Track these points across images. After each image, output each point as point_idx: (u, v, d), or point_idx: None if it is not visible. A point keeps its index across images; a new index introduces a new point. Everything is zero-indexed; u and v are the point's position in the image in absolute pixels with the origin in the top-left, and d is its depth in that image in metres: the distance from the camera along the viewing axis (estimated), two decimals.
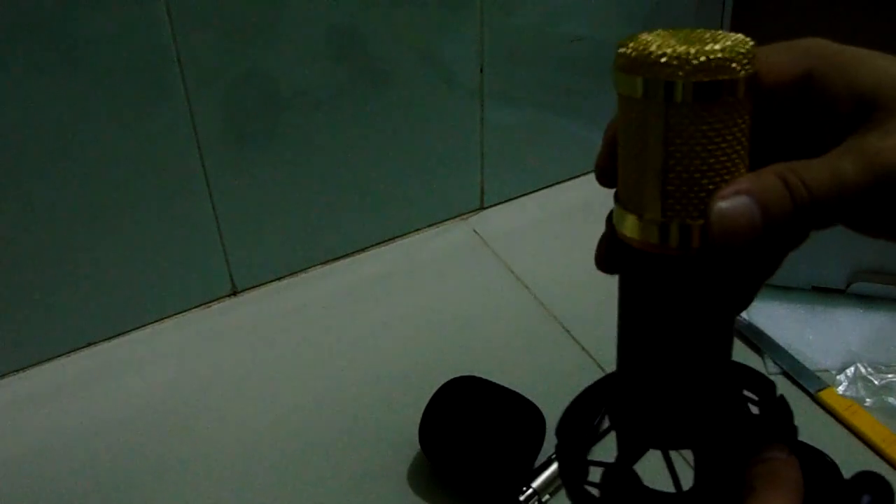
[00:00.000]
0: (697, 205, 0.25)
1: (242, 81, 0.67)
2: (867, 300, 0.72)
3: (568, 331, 0.71)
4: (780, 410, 0.31)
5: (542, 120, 0.86)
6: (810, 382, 0.64)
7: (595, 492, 0.31)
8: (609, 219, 0.29)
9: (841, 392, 0.64)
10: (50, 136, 0.60)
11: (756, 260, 0.29)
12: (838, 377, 0.65)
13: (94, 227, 0.66)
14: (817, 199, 0.25)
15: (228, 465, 0.60)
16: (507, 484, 0.55)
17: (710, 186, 0.25)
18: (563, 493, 0.56)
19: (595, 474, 0.31)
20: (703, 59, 0.23)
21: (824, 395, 0.63)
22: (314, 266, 0.79)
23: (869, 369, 0.65)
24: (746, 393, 0.31)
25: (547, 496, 0.56)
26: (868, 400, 0.63)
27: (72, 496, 0.58)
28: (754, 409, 0.31)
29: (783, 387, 0.65)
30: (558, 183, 0.90)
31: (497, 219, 0.86)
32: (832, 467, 0.29)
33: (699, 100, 0.24)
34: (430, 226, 0.84)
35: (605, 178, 0.29)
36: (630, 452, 0.30)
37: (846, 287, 0.72)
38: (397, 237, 0.83)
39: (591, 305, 0.73)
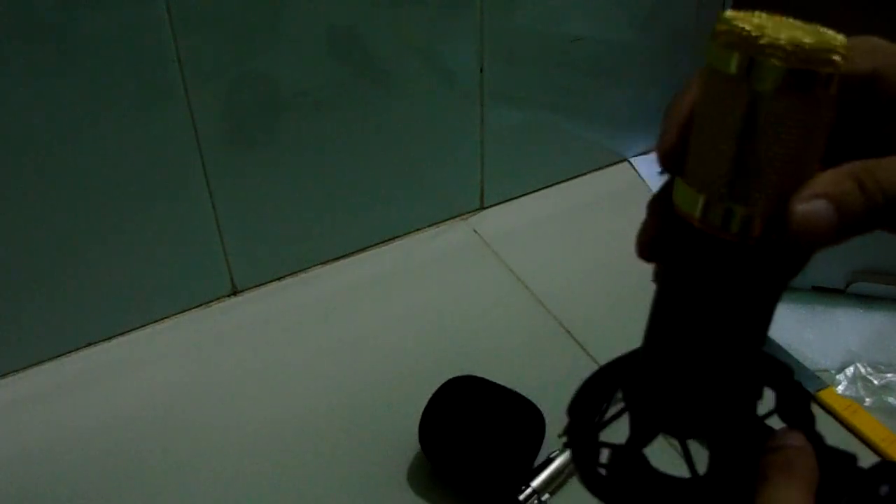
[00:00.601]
0: (769, 196, 0.25)
1: (242, 81, 0.67)
2: (867, 300, 0.72)
3: (568, 331, 0.71)
4: (796, 397, 0.30)
5: (542, 120, 0.86)
6: (810, 382, 0.64)
7: (604, 473, 0.30)
8: (653, 205, 0.29)
9: (840, 392, 0.64)
10: (49, 136, 0.60)
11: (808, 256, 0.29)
12: (838, 377, 0.65)
13: (94, 227, 0.66)
14: (892, 199, 0.25)
15: (228, 464, 0.60)
16: (506, 483, 0.55)
17: (786, 180, 0.25)
18: (562, 492, 0.57)
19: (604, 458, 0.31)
20: (807, 46, 0.23)
21: (824, 395, 0.63)
22: (314, 266, 0.79)
23: (868, 369, 0.65)
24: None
25: (546, 495, 0.56)
26: (867, 400, 0.63)
27: (72, 496, 0.58)
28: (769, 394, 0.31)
29: None
30: (558, 183, 0.90)
31: (497, 219, 0.86)
32: (849, 457, 0.29)
33: (793, 88, 0.23)
34: (430, 226, 0.84)
35: (670, 162, 0.28)
36: (642, 436, 0.30)
37: (846, 287, 0.72)
38: (397, 237, 0.83)
39: (591, 305, 0.73)
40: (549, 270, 0.78)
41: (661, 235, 0.29)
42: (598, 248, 0.81)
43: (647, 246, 0.29)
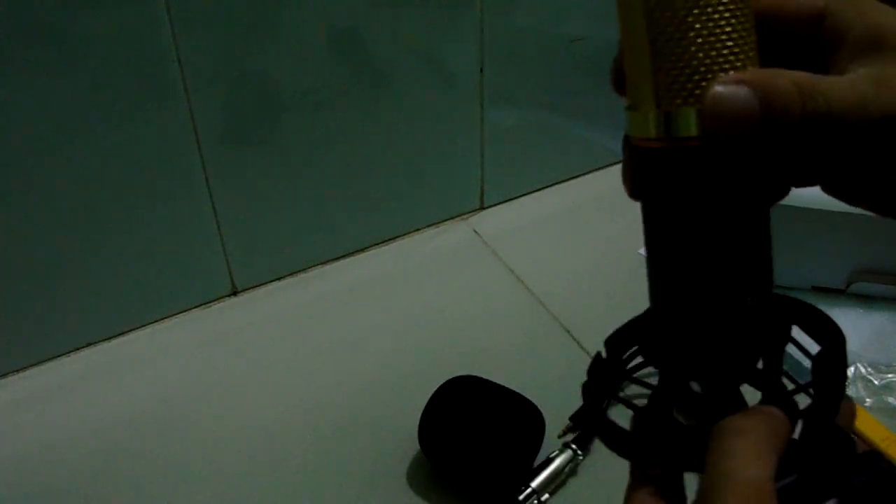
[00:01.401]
0: (692, 90, 0.24)
1: (242, 81, 0.67)
2: (867, 300, 0.72)
3: (568, 331, 0.71)
4: (833, 360, 0.28)
5: (542, 120, 0.86)
6: None
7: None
8: (625, 140, 0.28)
9: None
10: (50, 136, 0.60)
11: (763, 156, 0.27)
12: None
13: (94, 227, 0.66)
14: (834, 113, 0.24)
15: (228, 464, 0.60)
16: (506, 483, 0.55)
17: (709, 75, 0.24)
18: (562, 492, 0.57)
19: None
20: None
21: None
22: (314, 266, 0.79)
23: (869, 369, 0.65)
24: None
25: (546, 495, 0.56)
26: (868, 400, 0.63)
27: (72, 496, 0.58)
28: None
29: None
30: (558, 183, 0.90)
31: (497, 219, 0.86)
32: (848, 441, 0.28)
33: None
34: (430, 226, 0.84)
35: (617, 83, 0.29)
36: (667, 388, 0.29)
37: (846, 287, 0.72)
38: (397, 237, 0.83)
39: (591, 305, 0.73)
40: (549, 270, 0.78)
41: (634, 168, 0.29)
42: (598, 248, 0.81)
43: (631, 184, 0.29)
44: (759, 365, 0.29)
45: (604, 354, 0.33)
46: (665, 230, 0.27)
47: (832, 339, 0.29)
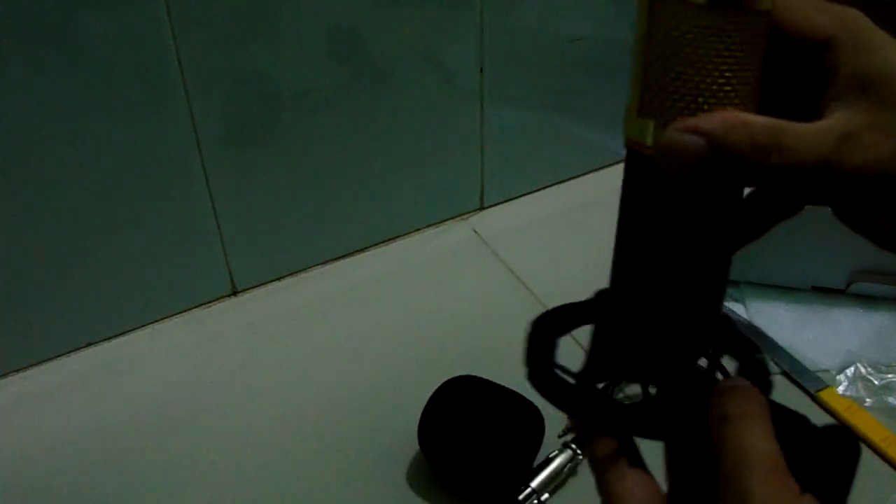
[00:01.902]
0: (670, 109, 0.25)
1: (242, 82, 0.67)
2: (867, 300, 0.72)
3: None
4: (756, 368, 0.30)
5: (542, 120, 0.86)
6: (810, 382, 0.64)
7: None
8: None
9: (841, 392, 0.64)
10: (50, 137, 0.60)
11: (719, 190, 0.28)
12: (838, 377, 0.65)
13: (94, 227, 0.66)
14: (790, 169, 0.25)
15: (228, 464, 0.60)
16: (505, 483, 0.55)
17: (688, 98, 0.25)
18: (562, 492, 0.57)
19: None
20: None
21: (824, 396, 0.63)
22: (314, 266, 0.79)
23: (869, 369, 0.65)
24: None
25: (546, 495, 0.56)
26: (868, 400, 0.63)
27: (72, 496, 0.58)
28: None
29: (783, 387, 0.65)
30: (558, 183, 0.90)
31: (497, 219, 0.86)
32: (801, 418, 0.29)
33: (719, 5, 0.24)
34: (430, 226, 0.84)
35: None
36: (598, 371, 0.32)
37: (846, 287, 0.72)
38: (397, 237, 0.83)
39: None
40: (549, 270, 0.78)
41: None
42: (598, 248, 0.80)
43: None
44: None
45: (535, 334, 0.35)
46: (623, 219, 0.29)
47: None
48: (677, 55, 0.25)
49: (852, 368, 0.65)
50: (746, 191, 0.30)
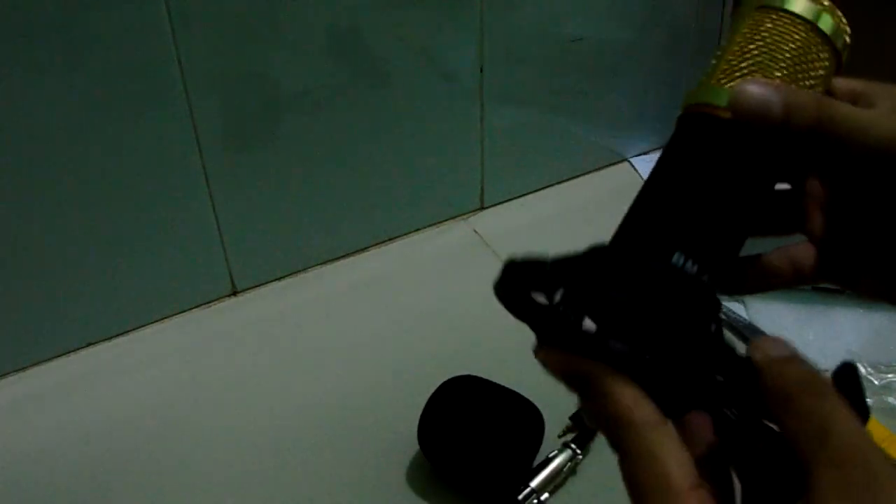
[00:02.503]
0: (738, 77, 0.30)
1: (242, 82, 0.67)
2: (867, 300, 0.72)
3: None
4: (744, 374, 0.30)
5: (542, 120, 0.86)
6: None
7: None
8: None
9: None
10: (50, 137, 0.60)
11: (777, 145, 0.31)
12: None
13: (94, 227, 0.66)
14: (842, 127, 0.28)
15: (228, 464, 0.60)
16: (505, 482, 0.55)
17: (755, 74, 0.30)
18: (562, 491, 0.57)
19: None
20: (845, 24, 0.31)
21: None
22: (314, 266, 0.79)
23: (869, 369, 0.65)
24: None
25: (546, 495, 0.56)
26: (868, 400, 0.63)
27: (72, 496, 0.58)
28: None
29: None
30: (558, 183, 0.90)
31: (497, 219, 0.86)
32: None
33: (824, 38, 0.31)
34: (430, 226, 0.84)
35: None
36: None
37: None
38: (397, 237, 0.83)
39: None
40: None
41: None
42: None
43: None
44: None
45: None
46: (662, 175, 0.31)
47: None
48: (776, 56, 0.30)
49: None
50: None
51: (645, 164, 0.91)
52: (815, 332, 0.69)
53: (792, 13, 0.31)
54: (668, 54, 0.88)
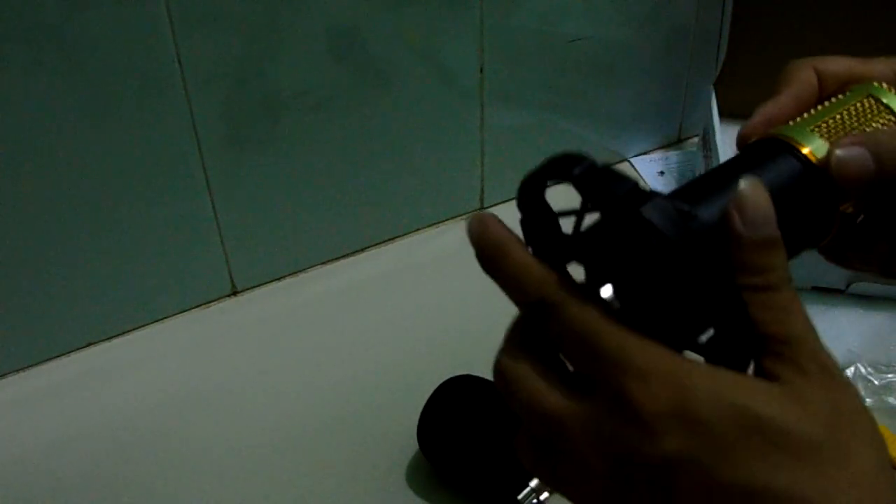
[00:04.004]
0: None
1: (242, 82, 0.67)
2: (867, 300, 0.72)
3: None
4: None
5: (542, 120, 0.86)
6: None
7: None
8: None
9: None
10: (49, 136, 0.60)
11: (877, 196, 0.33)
12: None
13: (94, 227, 0.66)
14: None
15: (227, 464, 0.60)
16: (505, 482, 0.55)
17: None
18: None
19: None
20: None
21: None
22: (314, 266, 0.79)
23: (869, 369, 0.65)
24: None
25: (545, 494, 0.56)
26: (868, 400, 0.63)
27: (72, 496, 0.58)
28: None
29: None
30: (558, 183, 0.90)
31: None
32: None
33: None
34: (430, 226, 0.84)
35: (742, 143, 0.35)
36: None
37: (846, 287, 0.72)
38: (397, 237, 0.83)
39: None
40: None
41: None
42: None
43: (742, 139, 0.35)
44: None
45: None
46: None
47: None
48: (861, 125, 0.33)
49: (852, 368, 0.65)
50: None
51: (645, 164, 0.91)
52: None
53: (890, 109, 0.34)
54: (668, 54, 0.88)
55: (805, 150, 0.32)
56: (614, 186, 0.29)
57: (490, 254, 0.32)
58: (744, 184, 0.29)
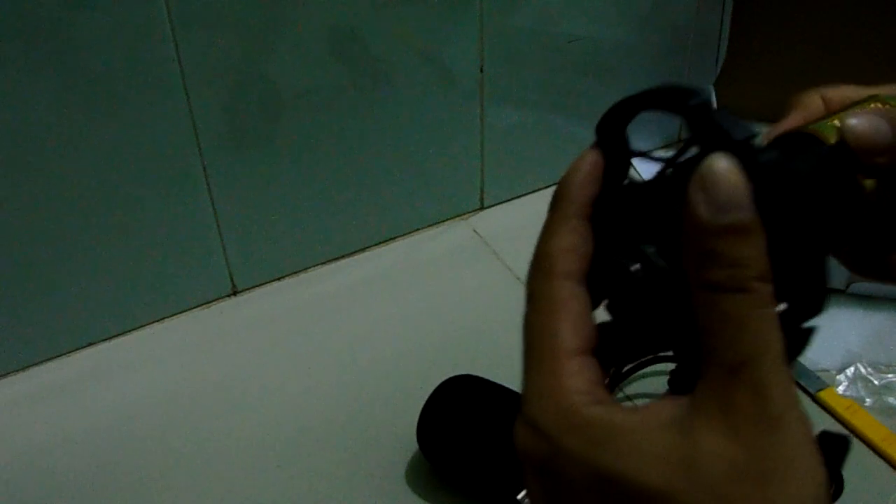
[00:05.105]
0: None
1: (243, 81, 0.67)
2: (867, 300, 0.72)
3: None
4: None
5: (542, 120, 0.86)
6: (810, 382, 0.64)
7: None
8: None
9: (841, 392, 0.64)
10: (49, 136, 0.60)
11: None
12: (838, 377, 0.65)
13: (95, 227, 0.66)
14: None
15: (227, 464, 0.60)
16: (504, 482, 0.55)
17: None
18: None
19: None
20: None
21: (824, 395, 0.63)
22: (314, 266, 0.79)
23: (869, 369, 0.65)
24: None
25: None
26: (868, 400, 0.63)
27: (72, 496, 0.58)
28: None
29: None
30: (558, 183, 0.90)
31: (497, 219, 0.86)
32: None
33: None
34: (430, 226, 0.84)
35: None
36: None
37: (846, 287, 0.72)
38: (397, 237, 0.83)
39: None
40: None
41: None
42: None
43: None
44: None
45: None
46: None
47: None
48: None
49: (852, 368, 0.65)
50: None
51: (645, 164, 0.91)
52: None
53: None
54: (668, 54, 0.88)
55: (820, 136, 0.30)
56: (733, 129, 0.26)
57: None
58: (711, 159, 0.24)
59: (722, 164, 0.24)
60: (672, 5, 0.86)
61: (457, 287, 0.77)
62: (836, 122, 0.30)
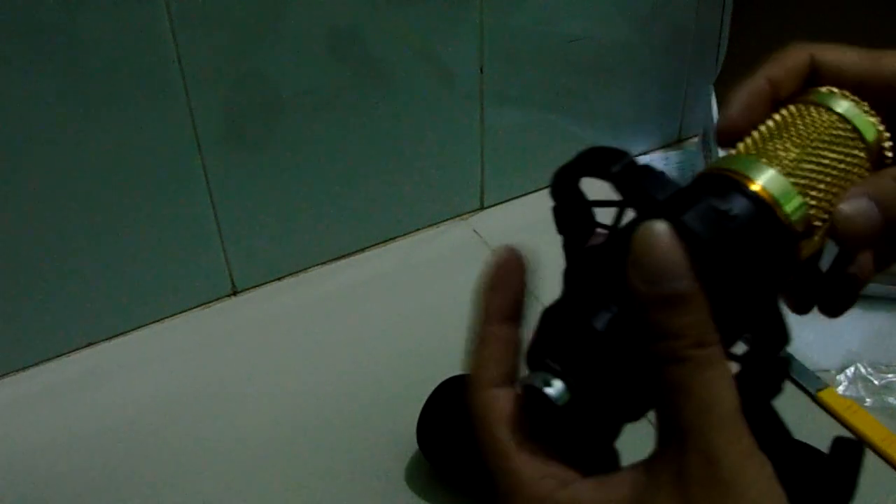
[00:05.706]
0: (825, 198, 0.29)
1: (243, 81, 0.67)
2: (867, 300, 0.72)
3: None
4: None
5: (542, 120, 0.86)
6: (810, 382, 0.64)
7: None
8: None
9: (841, 392, 0.64)
10: (49, 136, 0.60)
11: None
12: (838, 377, 0.65)
13: (94, 227, 0.66)
14: None
15: (227, 464, 0.60)
16: None
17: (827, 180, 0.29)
18: None
19: None
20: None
21: (824, 395, 0.63)
22: (314, 266, 0.79)
23: (869, 369, 0.65)
24: None
25: None
26: (868, 400, 0.63)
27: (72, 496, 0.58)
28: None
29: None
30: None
31: (497, 219, 0.86)
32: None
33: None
34: (430, 226, 0.84)
35: (728, 139, 0.31)
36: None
37: None
38: (397, 237, 0.83)
39: None
40: (548, 270, 0.78)
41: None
42: None
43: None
44: None
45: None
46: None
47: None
48: (813, 142, 0.30)
49: (852, 368, 0.65)
50: None
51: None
52: (815, 332, 0.69)
53: (844, 119, 0.31)
54: (668, 54, 0.88)
55: (755, 187, 0.28)
56: (654, 191, 0.27)
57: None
58: (641, 230, 0.24)
59: (649, 235, 0.24)
60: (672, 5, 0.86)
61: (457, 287, 0.77)
62: (833, 90, 0.31)
